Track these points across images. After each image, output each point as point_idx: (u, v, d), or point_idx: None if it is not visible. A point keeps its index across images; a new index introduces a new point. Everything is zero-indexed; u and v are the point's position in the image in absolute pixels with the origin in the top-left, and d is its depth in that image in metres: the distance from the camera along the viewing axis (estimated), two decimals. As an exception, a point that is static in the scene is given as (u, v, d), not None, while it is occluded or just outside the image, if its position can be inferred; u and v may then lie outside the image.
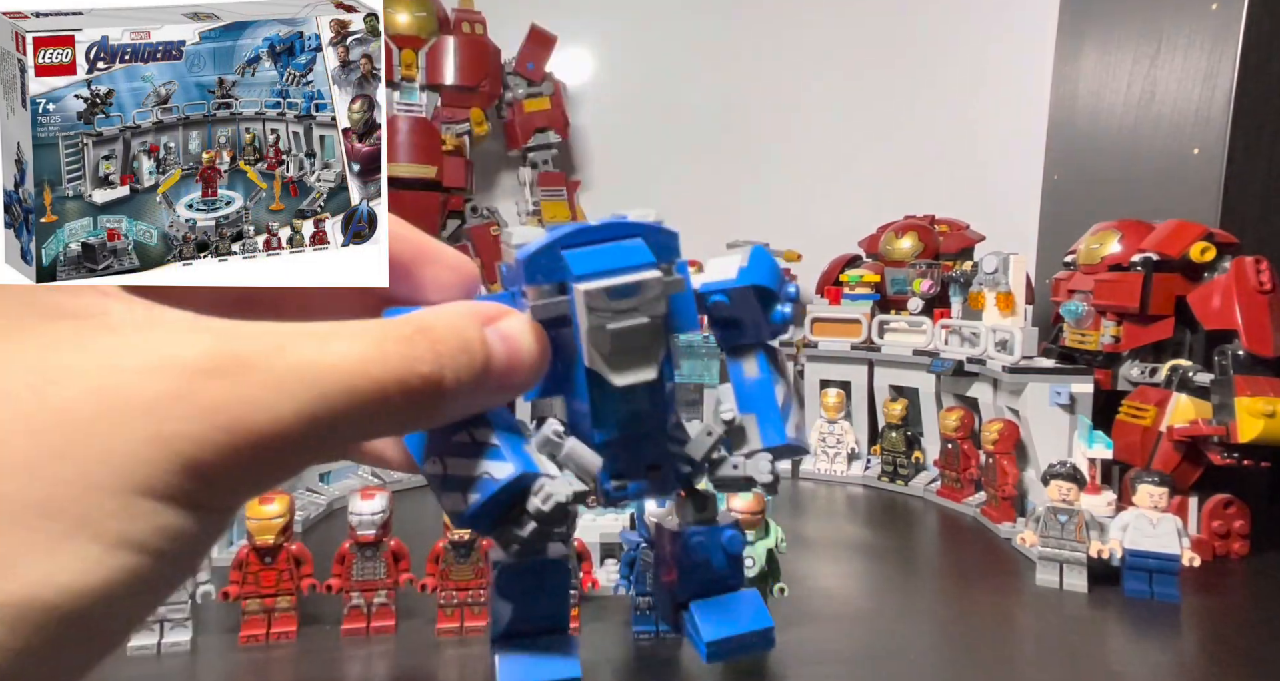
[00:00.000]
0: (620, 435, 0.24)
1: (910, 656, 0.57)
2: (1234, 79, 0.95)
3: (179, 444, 0.14)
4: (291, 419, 0.15)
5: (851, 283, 1.09)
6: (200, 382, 0.15)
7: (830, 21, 1.40)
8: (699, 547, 0.26)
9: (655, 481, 0.25)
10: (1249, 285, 0.78)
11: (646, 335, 0.21)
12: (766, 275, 0.25)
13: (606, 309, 0.21)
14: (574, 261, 0.21)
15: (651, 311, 0.21)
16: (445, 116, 1.14)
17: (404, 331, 0.18)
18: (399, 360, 0.17)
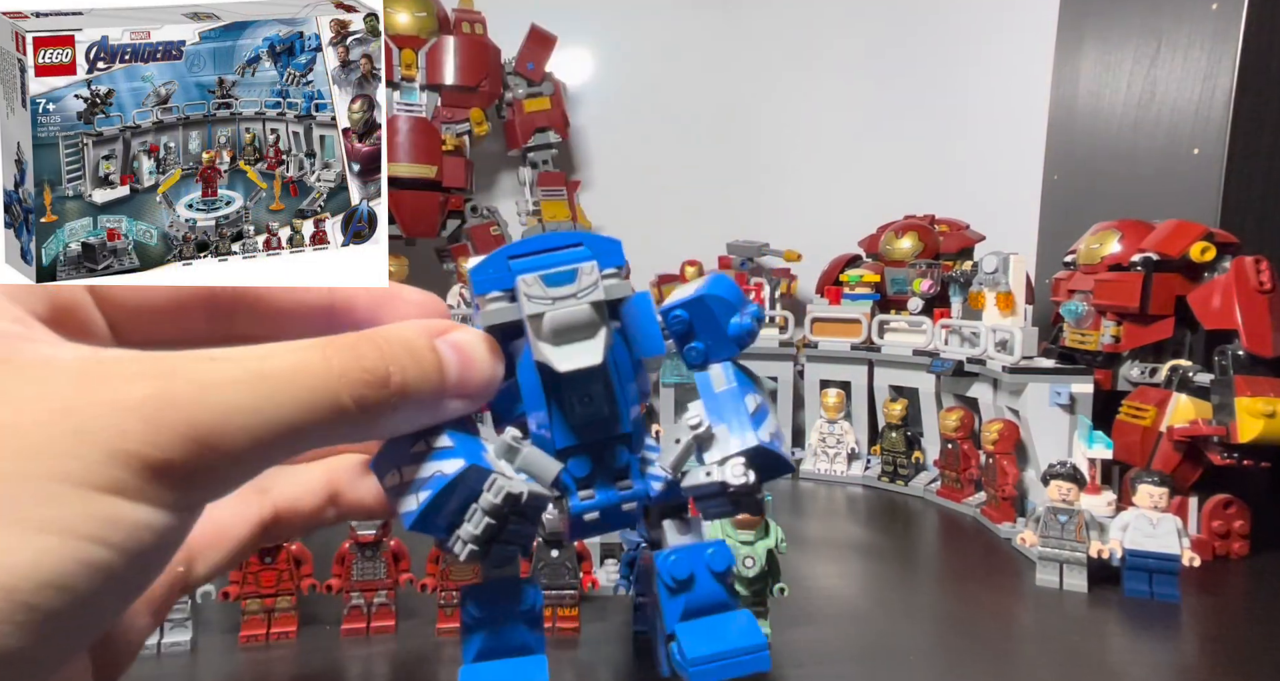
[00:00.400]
0: (580, 439, 0.24)
1: (910, 656, 0.57)
2: (1234, 79, 0.95)
3: (108, 436, 0.15)
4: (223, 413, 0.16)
5: (851, 283, 1.09)
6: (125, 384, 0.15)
7: (830, 22, 1.40)
8: (679, 566, 0.25)
9: (625, 490, 0.24)
10: (1249, 285, 0.78)
11: (586, 320, 0.22)
12: (724, 289, 0.25)
13: (545, 297, 0.22)
14: (517, 266, 0.22)
15: (590, 297, 0.22)
16: (445, 116, 1.14)
17: (348, 340, 0.18)
18: (342, 362, 0.17)
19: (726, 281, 0.26)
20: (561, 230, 1.16)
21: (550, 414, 0.23)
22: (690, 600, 0.24)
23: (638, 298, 0.24)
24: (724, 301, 0.25)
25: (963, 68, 1.41)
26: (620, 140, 1.39)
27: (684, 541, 0.26)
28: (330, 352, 0.18)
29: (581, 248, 0.23)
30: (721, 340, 0.26)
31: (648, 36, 1.39)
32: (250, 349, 0.17)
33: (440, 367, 0.20)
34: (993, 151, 1.41)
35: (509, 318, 0.22)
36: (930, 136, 1.41)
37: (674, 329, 0.26)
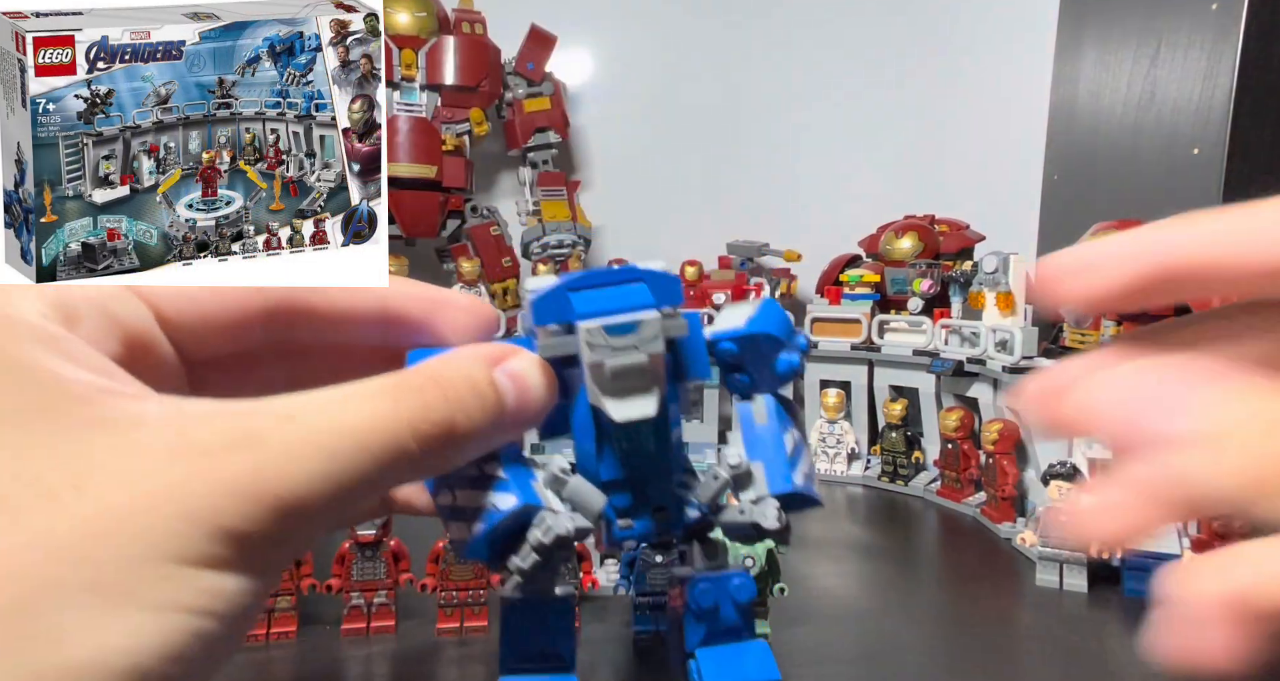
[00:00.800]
0: (625, 475, 0.25)
1: (910, 656, 0.57)
2: (1234, 79, 0.95)
3: (206, 514, 0.16)
4: (308, 482, 0.17)
5: (851, 283, 1.09)
6: (217, 459, 0.16)
7: (830, 22, 1.40)
8: (705, 596, 0.26)
9: (661, 522, 0.25)
10: (1249, 285, 0.78)
11: (645, 372, 0.22)
12: (774, 325, 0.25)
13: (605, 345, 0.22)
14: (578, 302, 0.23)
15: (650, 349, 0.22)
16: (445, 116, 1.14)
17: (415, 382, 0.19)
18: (412, 412, 0.18)
19: (778, 314, 0.26)
20: (562, 229, 1.16)
21: (599, 448, 0.24)
22: (712, 625, 0.26)
23: (690, 317, 0.24)
24: (774, 339, 0.25)
25: (963, 68, 1.41)
26: (620, 140, 1.39)
27: (711, 566, 0.27)
28: (401, 401, 0.18)
29: (641, 284, 0.23)
30: (768, 376, 0.26)
31: (648, 36, 1.39)
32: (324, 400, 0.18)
33: (500, 402, 0.20)
34: (993, 151, 1.41)
35: (568, 351, 0.23)
36: (930, 136, 1.41)
37: (721, 359, 0.26)
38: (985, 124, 1.41)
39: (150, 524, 0.15)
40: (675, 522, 0.26)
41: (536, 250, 1.17)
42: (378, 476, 0.18)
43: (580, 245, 1.18)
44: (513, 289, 1.17)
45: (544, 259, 1.14)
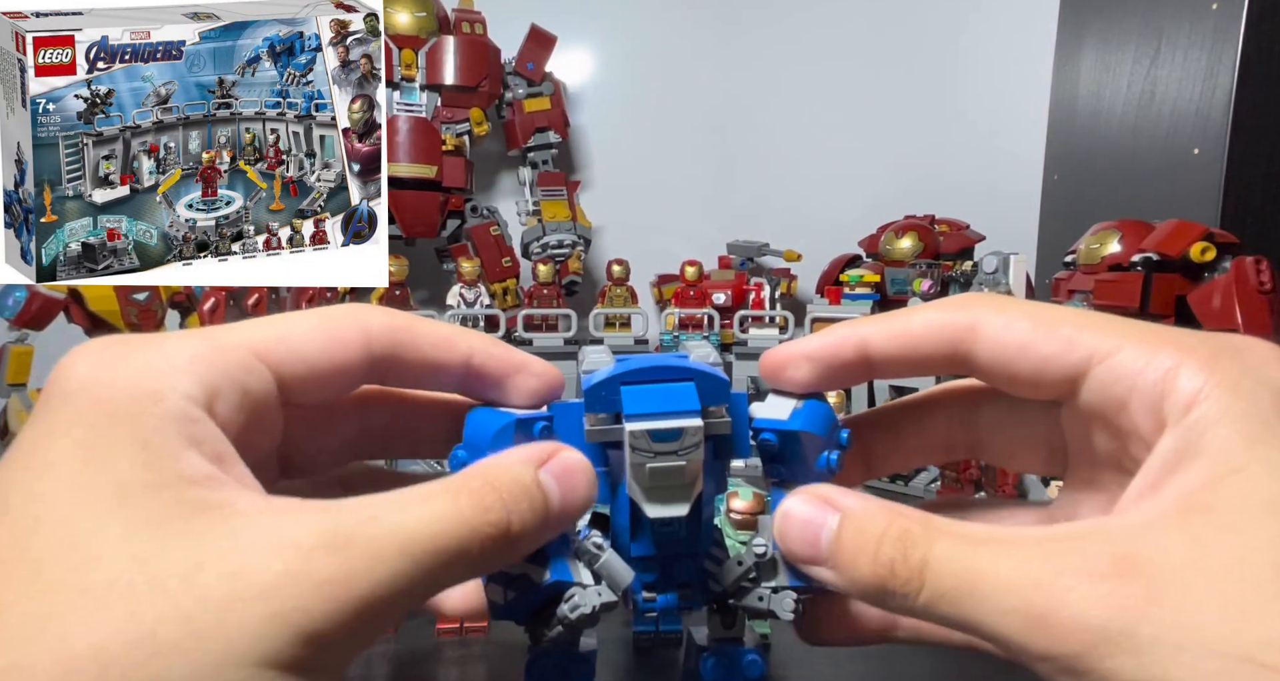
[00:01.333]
0: (655, 553, 0.26)
1: (910, 655, 0.57)
2: (1234, 79, 0.95)
3: (296, 617, 0.17)
4: (389, 582, 0.18)
5: (851, 283, 1.09)
6: (311, 560, 0.18)
7: (830, 22, 1.40)
8: (716, 669, 0.27)
9: (686, 597, 0.27)
10: (1249, 285, 0.78)
11: (683, 476, 0.24)
12: (817, 424, 0.26)
13: (649, 449, 0.23)
14: (628, 399, 0.24)
15: (690, 457, 0.24)
16: (445, 116, 1.14)
17: (473, 486, 0.21)
18: (473, 514, 0.20)
19: (822, 411, 0.26)
20: (562, 229, 1.16)
21: (634, 529, 0.26)
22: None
23: (738, 398, 0.26)
24: (815, 439, 0.26)
25: (963, 68, 1.41)
26: (620, 140, 1.39)
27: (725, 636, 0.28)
28: (463, 504, 0.20)
29: (690, 384, 0.24)
30: (805, 471, 0.26)
31: (648, 36, 1.39)
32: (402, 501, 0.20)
33: (546, 502, 0.22)
34: (993, 151, 1.41)
35: (615, 439, 0.24)
36: (930, 136, 1.41)
37: (761, 448, 0.26)
38: (985, 124, 1.41)
39: (245, 622, 0.17)
40: (696, 601, 0.27)
41: (536, 250, 1.17)
42: (445, 577, 0.20)
43: (580, 245, 1.18)
44: (512, 289, 1.17)
45: (544, 259, 1.14)
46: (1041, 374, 0.23)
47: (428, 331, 0.25)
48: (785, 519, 0.24)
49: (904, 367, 0.26)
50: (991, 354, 0.24)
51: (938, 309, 0.25)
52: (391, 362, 0.24)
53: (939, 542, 0.20)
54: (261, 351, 0.22)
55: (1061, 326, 0.23)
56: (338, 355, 0.23)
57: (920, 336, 0.25)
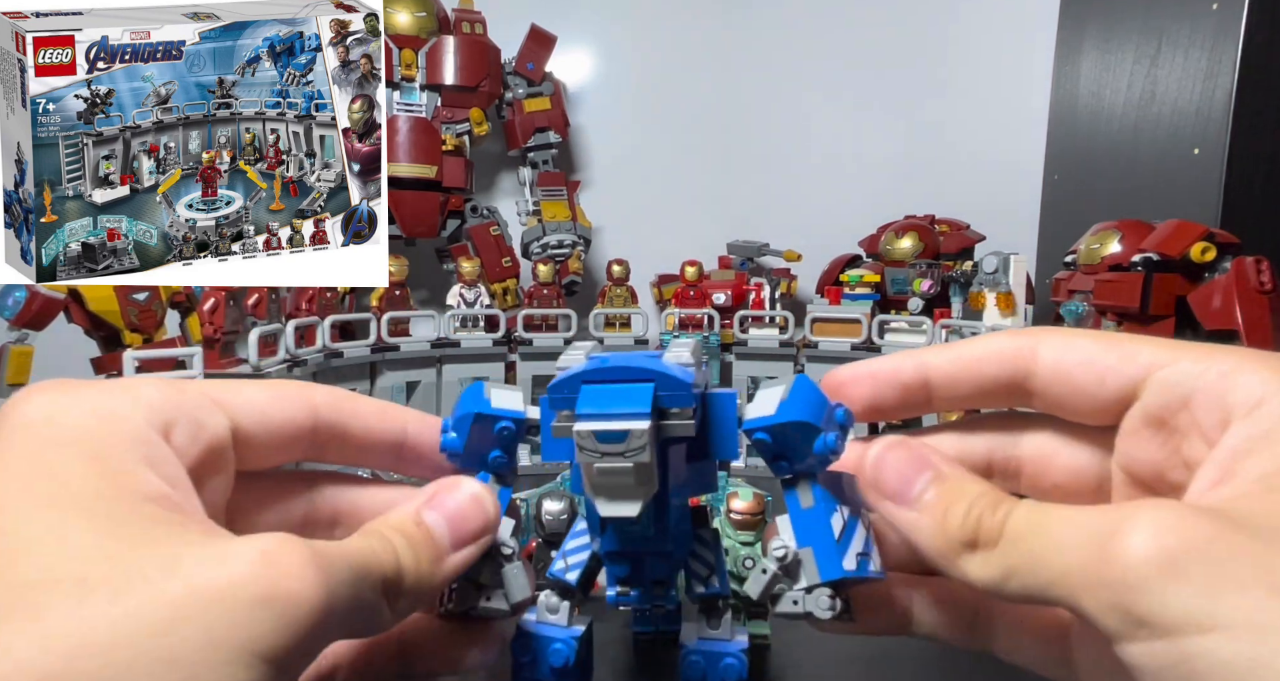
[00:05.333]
0: (620, 549, 0.26)
1: (911, 654, 0.57)
2: (1234, 79, 0.95)
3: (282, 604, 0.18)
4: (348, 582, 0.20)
5: (851, 283, 1.09)
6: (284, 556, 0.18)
7: (830, 22, 1.40)
8: (694, 668, 0.27)
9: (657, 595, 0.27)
10: (1249, 285, 0.78)
11: (630, 477, 0.23)
12: (805, 410, 0.25)
13: (595, 450, 0.23)
14: (584, 398, 0.24)
15: (636, 458, 0.23)
16: (445, 116, 1.14)
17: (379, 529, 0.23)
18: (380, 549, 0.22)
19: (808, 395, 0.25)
20: (562, 229, 1.16)
21: (603, 524, 0.26)
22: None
23: (725, 398, 0.26)
24: (805, 426, 0.25)
25: (963, 67, 1.41)
26: (620, 140, 1.39)
27: (710, 636, 0.28)
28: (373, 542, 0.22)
29: (650, 385, 0.24)
30: (808, 460, 0.26)
31: (648, 36, 1.39)
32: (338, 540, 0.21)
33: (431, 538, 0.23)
34: (993, 151, 1.41)
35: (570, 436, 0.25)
36: (930, 136, 1.41)
37: (759, 449, 0.26)
38: (985, 123, 1.41)
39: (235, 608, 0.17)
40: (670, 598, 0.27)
41: (536, 250, 1.17)
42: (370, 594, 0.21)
43: (580, 245, 1.18)
44: (512, 289, 1.17)
45: (544, 259, 1.14)
46: (1102, 384, 0.24)
47: (366, 403, 0.27)
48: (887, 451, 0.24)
49: (963, 391, 0.26)
50: (1053, 370, 0.25)
51: (998, 336, 0.26)
52: (334, 432, 0.26)
53: (1020, 506, 0.22)
54: (218, 398, 0.23)
55: (1122, 344, 0.24)
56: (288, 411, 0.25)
57: (980, 358, 0.26)
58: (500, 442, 0.27)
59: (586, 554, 0.28)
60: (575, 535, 0.29)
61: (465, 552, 0.24)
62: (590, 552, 0.28)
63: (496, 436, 0.27)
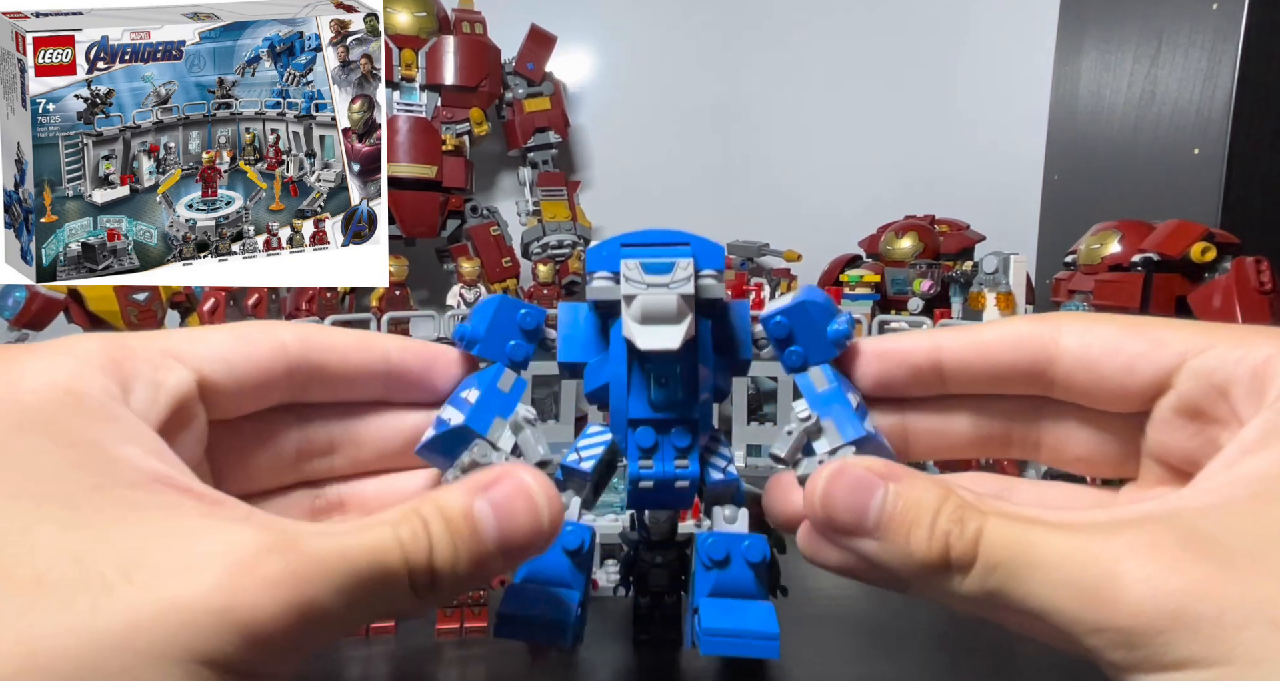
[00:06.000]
0: (651, 415, 0.26)
1: (912, 651, 0.57)
2: (1234, 79, 0.95)
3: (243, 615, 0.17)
4: (334, 589, 0.18)
5: (851, 283, 1.09)
6: (260, 560, 0.17)
7: (830, 22, 1.40)
8: (716, 548, 0.26)
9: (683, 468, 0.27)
10: (1249, 285, 0.78)
11: (673, 308, 0.24)
12: (820, 296, 0.27)
13: (641, 281, 0.24)
14: (625, 253, 0.25)
15: (681, 289, 0.24)
16: (445, 116, 1.14)
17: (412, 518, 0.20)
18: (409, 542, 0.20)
19: (821, 293, 0.28)
20: (562, 229, 1.16)
21: (630, 385, 0.26)
22: (721, 580, 0.26)
23: (738, 305, 0.27)
24: (822, 307, 0.27)
25: (963, 67, 1.41)
26: (620, 140, 1.39)
27: (728, 529, 0.28)
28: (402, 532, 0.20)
29: (688, 246, 0.25)
30: (820, 343, 0.27)
31: (648, 36, 1.39)
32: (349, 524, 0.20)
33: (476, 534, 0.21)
34: (993, 151, 1.41)
35: (610, 297, 0.25)
36: (931, 136, 1.41)
37: (774, 334, 0.27)
38: (985, 124, 1.41)
39: (192, 618, 0.16)
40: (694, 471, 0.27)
41: (536, 250, 1.16)
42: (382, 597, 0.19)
43: (580, 245, 1.18)
44: (513, 289, 1.17)
45: (544, 259, 1.14)
46: (1131, 373, 0.23)
47: (341, 334, 0.25)
48: (831, 480, 0.22)
49: (978, 378, 0.25)
50: (1077, 357, 0.24)
51: (1017, 321, 0.25)
52: (311, 370, 0.24)
53: (992, 517, 0.20)
54: (173, 351, 0.22)
55: (1149, 329, 0.23)
56: (254, 354, 0.23)
57: (997, 344, 0.25)
58: (522, 332, 0.28)
59: (602, 448, 0.28)
60: (589, 435, 0.29)
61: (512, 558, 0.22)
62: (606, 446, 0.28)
63: (519, 323, 0.27)
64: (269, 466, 0.26)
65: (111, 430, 0.19)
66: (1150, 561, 0.18)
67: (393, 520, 0.20)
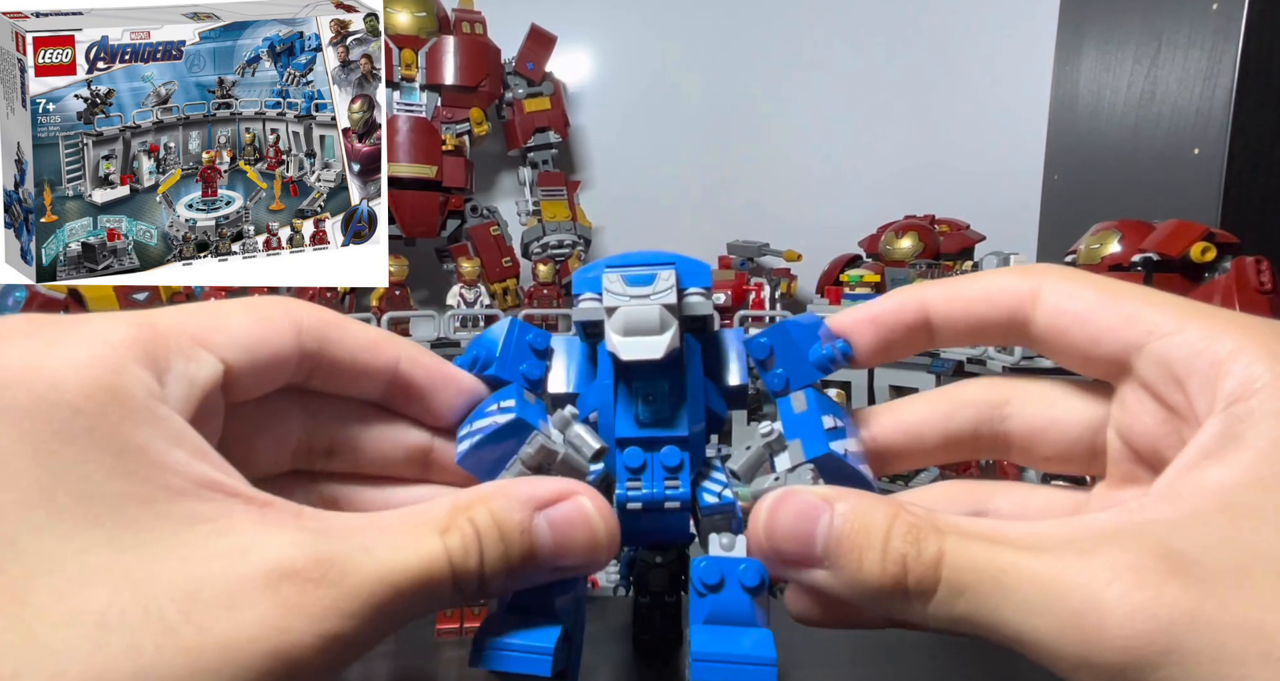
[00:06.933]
0: (635, 434, 0.26)
1: (911, 653, 0.57)
2: (1234, 79, 0.95)
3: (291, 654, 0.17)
4: (377, 617, 0.18)
5: (851, 283, 1.09)
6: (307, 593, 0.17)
7: (830, 21, 1.40)
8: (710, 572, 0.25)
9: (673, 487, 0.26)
10: (1249, 285, 0.78)
11: (655, 319, 0.24)
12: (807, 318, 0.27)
13: (623, 293, 0.24)
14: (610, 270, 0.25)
15: (662, 300, 0.24)
16: (445, 116, 1.14)
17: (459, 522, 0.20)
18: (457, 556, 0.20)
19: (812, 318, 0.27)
20: (562, 229, 1.16)
21: (615, 401, 0.26)
22: (716, 605, 0.25)
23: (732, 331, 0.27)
24: (804, 327, 0.27)
25: (963, 68, 1.41)
26: (620, 140, 1.39)
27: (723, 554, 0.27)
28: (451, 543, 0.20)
29: (672, 266, 0.25)
30: (802, 366, 0.26)
31: (647, 36, 1.39)
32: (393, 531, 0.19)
33: (533, 551, 0.21)
34: (993, 151, 1.41)
35: (594, 317, 0.25)
36: (930, 136, 1.41)
37: (756, 356, 0.27)
38: (985, 124, 1.41)
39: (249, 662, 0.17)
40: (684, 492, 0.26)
41: (536, 250, 1.16)
42: (420, 608, 0.19)
43: (580, 245, 1.18)
44: (512, 289, 1.17)
45: (544, 259, 1.14)
46: (1097, 345, 0.22)
47: (357, 331, 0.24)
48: (774, 510, 0.21)
49: (963, 332, 0.25)
50: (1049, 320, 0.23)
51: (1002, 274, 0.25)
52: (319, 360, 0.23)
53: (950, 535, 0.19)
54: (201, 337, 0.21)
55: (1126, 301, 0.22)
56: (273, 342, 0.22)
57: (981, 299, 0.24)
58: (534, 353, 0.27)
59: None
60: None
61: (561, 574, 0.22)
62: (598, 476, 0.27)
63: (530, 344, 0.27)
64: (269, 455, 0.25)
65: (157, 433, 0.18)
66: (1135, 588, 0.17)
67: (440, 524, 0.20)
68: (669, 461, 0.26)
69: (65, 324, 0.19)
